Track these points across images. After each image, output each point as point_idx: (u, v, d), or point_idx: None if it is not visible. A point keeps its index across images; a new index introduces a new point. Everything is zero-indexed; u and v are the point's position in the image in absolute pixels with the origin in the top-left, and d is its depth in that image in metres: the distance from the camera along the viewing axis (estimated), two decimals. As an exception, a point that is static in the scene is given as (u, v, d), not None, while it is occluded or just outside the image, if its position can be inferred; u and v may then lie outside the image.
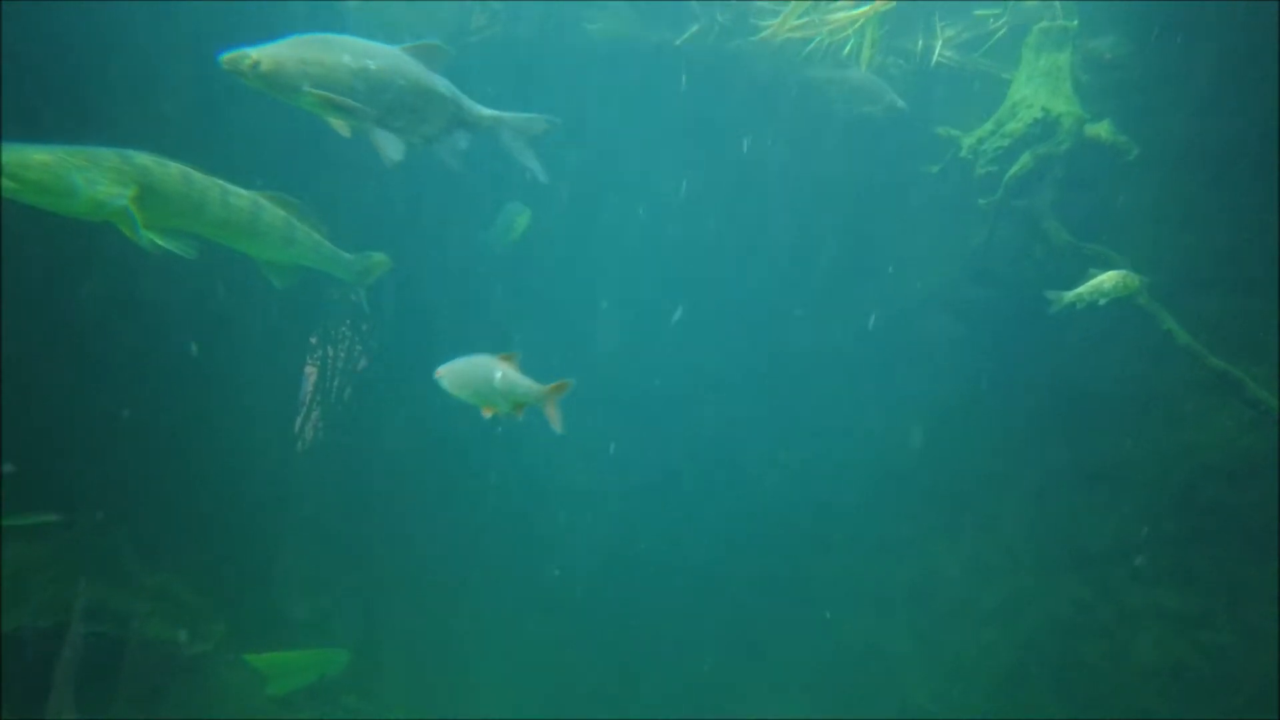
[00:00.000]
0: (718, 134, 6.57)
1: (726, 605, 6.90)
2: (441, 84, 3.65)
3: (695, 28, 6.17)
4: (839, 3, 5.79)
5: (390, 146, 3.48)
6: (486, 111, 3.83)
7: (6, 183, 3.01)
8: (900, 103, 5.98)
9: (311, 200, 4.02)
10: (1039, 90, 6.02)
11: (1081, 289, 5.28)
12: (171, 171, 3.37)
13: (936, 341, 6.63)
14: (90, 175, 3.17)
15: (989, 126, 6.17)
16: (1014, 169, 5.87)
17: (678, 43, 6.22)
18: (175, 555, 5.55)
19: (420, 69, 3.58)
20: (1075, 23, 6.32)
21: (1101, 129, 5.94)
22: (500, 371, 4.00)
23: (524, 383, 4.01)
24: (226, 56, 3.28)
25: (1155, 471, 5.99)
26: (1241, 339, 5.67)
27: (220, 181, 3.53)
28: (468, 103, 3.76)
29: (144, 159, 3.32)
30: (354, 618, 6.61)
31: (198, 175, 3.46)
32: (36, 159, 3.08)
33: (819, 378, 6.89)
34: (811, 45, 5.92)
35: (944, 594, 6.65)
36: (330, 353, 7.39)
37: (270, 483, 6.36)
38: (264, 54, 3.28)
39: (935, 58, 6.46)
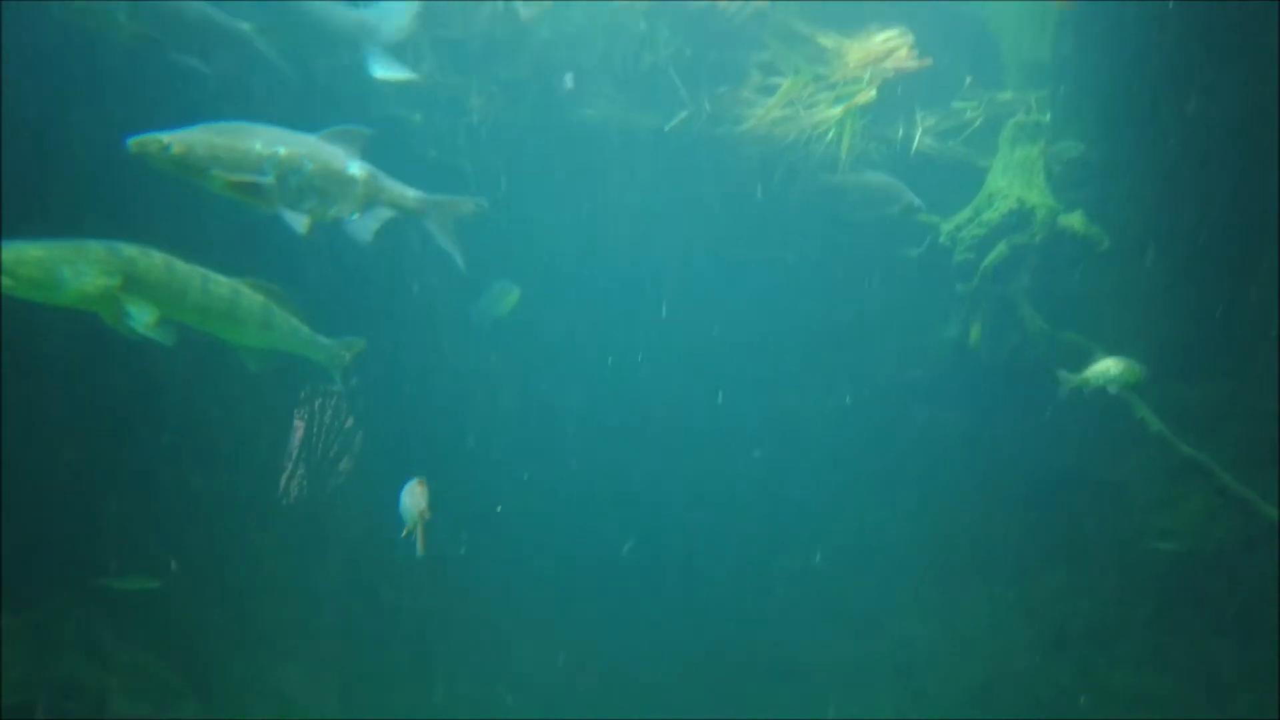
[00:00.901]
0: (705, 215, 6.75)
1: (706, 681, 6.86)
2: (357, 168, 3.84)
3: (684, 114, 6.39)
4: (822, 95, 6.02)
5: (295, 223, 3.67)
6: (411, 193, 3.99)
7: (6, 280, 3.10)
8: (917, 201, 6.13)
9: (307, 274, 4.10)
10: (1014, 181, 6.26)
11: (1088, 373, 5.43)
12: (155, 261, 3.46)
13: (915, 423, 6.74)
14: (78, 268, 3.27)
15: (967, 214, 6.38)
16: (990, 257, 6.06)
17: (667, 128, 6.44)
18: (150, 629, 5.50)
19: (334, 154, 3.78)
20: (1047, 117, 6.61)
21: (1074, 220, 6.16)
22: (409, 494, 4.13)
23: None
24: (135, 140, 3.42)
25: (1130, 555, 6.07)
26: (1209, 426, 5.81)
27: (202, 269, 3.61)
28: (390, 185, 3.94)
29: (130, 250, 3.41)
30: (329, 689, 6.54)
31: (180, 264, 3.55)
32: (31, 255, 3.18)
33: (798, 458, 6.97)
34: (795, 136, 6.15)
35: (925, 673, 6.64)
36: (313, 415, 7.41)
37: (246, 554, 6.34)
38: (176, 138, 3.45)
39: (915, 146, 6.71)
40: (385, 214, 3.91)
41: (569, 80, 6.17)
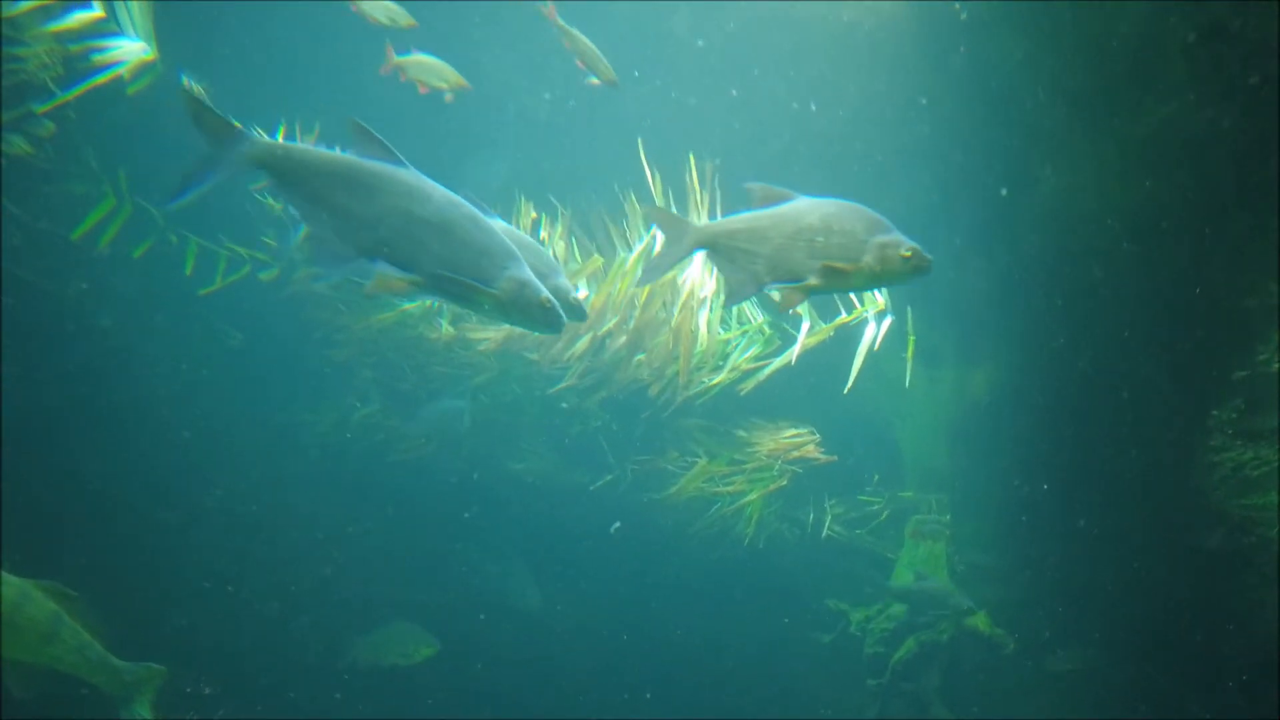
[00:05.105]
0: (628, 570, 6.77)
1: None
2: None
3: (609, 477, 6.68)
4: (736, 476, 6.40)
5: None
6: None
7: None
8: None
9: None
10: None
11: None
12: None
13: None
14: None
15: (877, 605, 6.48)
16: (900, 653, 6.03)
17: (593, 488, 6.68)
18: None
19: None
20: (947, 517, 7.05)
21: (979, 621, 6.26)
22: None
23: None
24: None
25: None
26: None
27: None
28: None
29: None
30: None
31: None
32: None
33: None
34: (711, 510, 6.41)
35: None
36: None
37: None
38: None
39: (825, 531, 6.99)
40: None
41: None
